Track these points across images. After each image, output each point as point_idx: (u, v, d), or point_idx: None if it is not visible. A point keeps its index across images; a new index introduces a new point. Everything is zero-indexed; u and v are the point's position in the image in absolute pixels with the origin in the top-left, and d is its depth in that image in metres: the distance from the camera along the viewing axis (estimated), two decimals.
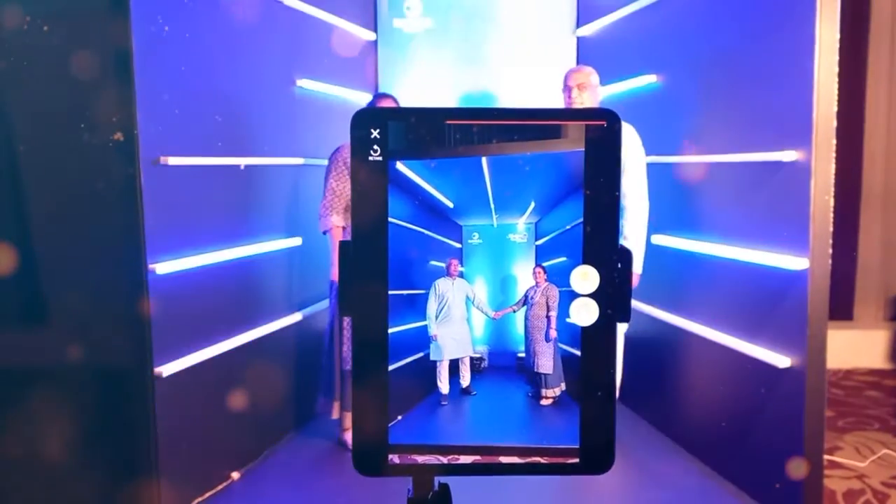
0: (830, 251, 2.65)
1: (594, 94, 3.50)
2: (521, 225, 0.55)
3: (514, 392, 0.63)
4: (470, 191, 0.59)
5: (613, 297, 0.57)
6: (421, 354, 0.63)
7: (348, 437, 3.55)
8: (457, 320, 0.63)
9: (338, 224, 3.42)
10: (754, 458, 3.01)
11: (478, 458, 0.63)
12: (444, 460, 0.62)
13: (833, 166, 2.62)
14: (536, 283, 0.62)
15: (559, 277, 0.61)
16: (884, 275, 5.30)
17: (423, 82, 4.79)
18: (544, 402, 0.62)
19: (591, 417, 0.59)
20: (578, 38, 4.72)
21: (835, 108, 2.61)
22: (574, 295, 0.58)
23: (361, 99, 4.59)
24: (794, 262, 2.71)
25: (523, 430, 0.62)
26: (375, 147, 0.55)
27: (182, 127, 2.90)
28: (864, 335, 5.26)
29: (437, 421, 0.64)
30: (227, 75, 3.21)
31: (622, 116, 2.62)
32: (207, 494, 3.08)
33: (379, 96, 3.62)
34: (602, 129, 0.53)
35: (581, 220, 0.58)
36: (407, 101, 4.56)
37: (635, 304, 3.70)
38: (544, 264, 0.62)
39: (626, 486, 3.26)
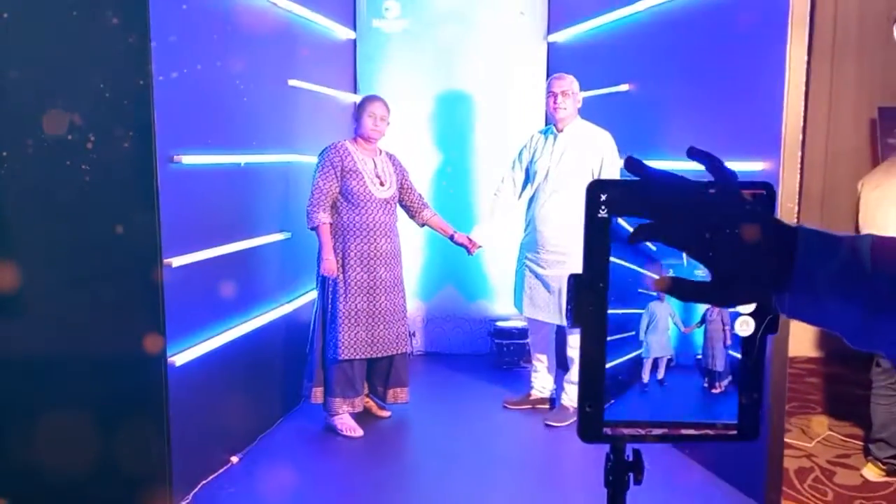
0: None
1: (575, 100, 3.75)
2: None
3: (694, 383, 0.85)
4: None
5: (765, 316, 0.79)
6: (634, 354, 0.84)
7: (336, 421, 3.72)
8: (661, 330, 0.84)
9: (325, 221, 3.58)
10: (724, 443, 3.30)
11: (665, 430, 0.84)
12: (643, 432, 0.83)
13: (798, 175, 2.92)
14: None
15: None
16: None
17: (400, 81, 4.95)
18: (715, 390, 0.83)
19: (746, 402, 0.81)
20: (549, 44, 4.95)
21: (801, 122, 2.90)
22: (738, 314, 0.80)
23: (346, 98, 4.74)
24: None
25: (699, 411, 0.84)
26: (603, 206, 0.75)
27: (190, 127, 3.01)
28: (803, 325, 5.65)
29: (639, 403, 0.85)
30: (227, 77, 3.32)
31: (597, 122, 2.91)
32: (211, 477, 3.21)
33: (369, 99, 3.78)
34: (763, 197, 0.75)
35: None
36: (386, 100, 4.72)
37: None
38: None
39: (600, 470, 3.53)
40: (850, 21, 5.47)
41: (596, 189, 0.73)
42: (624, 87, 4.03)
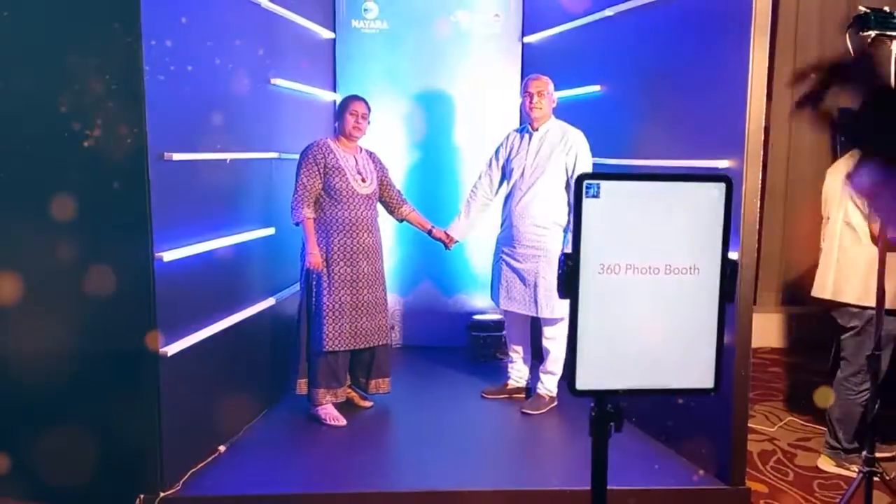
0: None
1: (550, 100, 3.90)
2: None
3: None
4: None
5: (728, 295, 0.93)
6: None
7: (320, 411, 3.83)
8: None
9: (309, 216, 3.69)
10: (690, 425, 3.47)
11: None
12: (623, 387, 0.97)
13: (761, 173, 3.09)
14: None
15: None
16: (782, 264, 5.95)
17: (379, 81, 5.06)
18: None
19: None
20: (524, 45, 5.10)
21: (763, 123, 3.07)
22: None
23: (326, 97, 4.83)
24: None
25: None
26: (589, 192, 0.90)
27: (179, 124, 3.10)
28: (766, 318, 5.89)
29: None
30: (214, 76, 3.41)
31: (570, 122, 3.06)
32: (200, 465, 3.30)
33: (351, 98, 3.89)
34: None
35: None
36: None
37: None
38: None
39: (576, 455, 3.68)
40: (812, 21, 5.67)
41: (582, 179, 0.86)
42: (595, 88, 4.19)
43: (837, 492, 3.36)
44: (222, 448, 3.49)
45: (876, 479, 2.91)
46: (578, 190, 0.86)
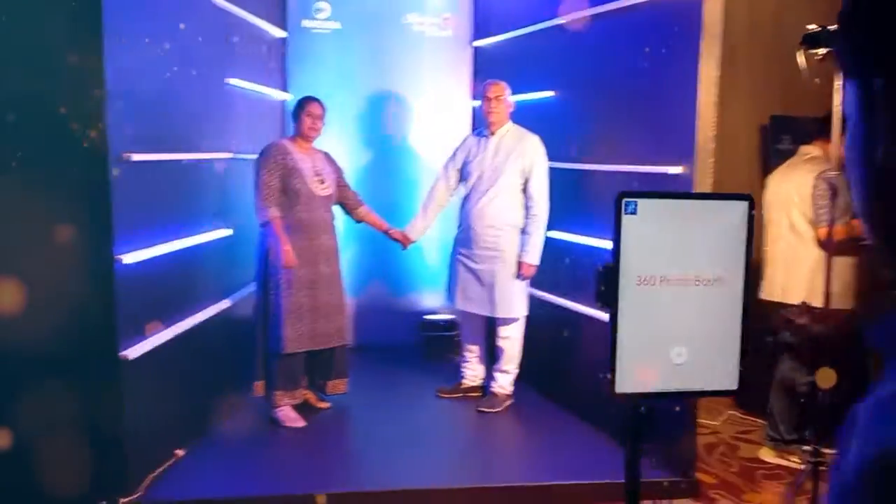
0: None
1: (507, 105, 3.99)
2: None
3: None
4: None
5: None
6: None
7: (278, 413, 3.82)
8: None
9: (277, 215, 3.67)
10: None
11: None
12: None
13: (711, 179, 3.24)
14: None
15: None
16: None
17: (330, 81, 5.06)
18: None
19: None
20: (475, 49, 5.18)
21: (713, 132, 3.22)
22: None
23: (277, 97, 4.80)
24: None
25: None
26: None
27: (138, 125, 3.06)
28: None
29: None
30: (172, 76, 3.37)
31: (523, 126, 3.16)
32: (159, 470, 3.26)
33: (307, 99, 3.89)
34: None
35: None
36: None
37: (535, 291, 4.22)
38: None
39: (532, 451, 3.78)
40: (741, 33, 5.89)
41: (623, 197, 0.93)
42: (549, 94, 4.29)
43: (780, 481, 3.54)
44: (180, 452, 3.45)
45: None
46: (618, 207, 0.92)
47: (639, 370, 0.99)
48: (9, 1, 2.71)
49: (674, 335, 1.01)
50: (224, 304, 3.91)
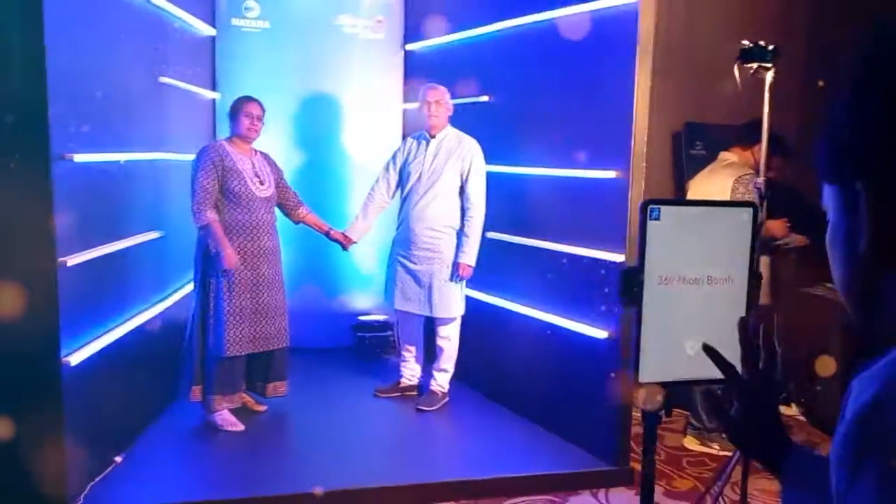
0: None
1: (447, 109, 4.07)
2: None
3: None
4: None
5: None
6: None
7: (216, 418, 3.77)
8: None
9: (214, 218, 3.62)
10: (579, 414, 3.76)
11: None
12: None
13: (643, 183, 3.42)
14: None
15: None
16: None
17: (260, 80, 5.00)
18: None
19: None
20: (407, 52, 5.23)
21: (645, 136, 3.40)
22: None
23: (207, 96, 4.72)
24: (614, 256, 3.48)
25: None
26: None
27: (77, 124, 2.97)
28: None
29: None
30: (108, 74, 3.29)
31: (460, 129, 3.28)
32: (98, 478, 3.17)
33: (245, 99, 3.85)
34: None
35: None
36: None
37: (472, 292, 4.33)
38: None
39: (473, 447, 3.88)
40: (700, 41, 6.13)
41: (646, 204, 1.02)
42: (484, 98, 4.40)
43: (704, 467, 3.77)
44: (119, 459, 3.37)
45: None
46: (644, 213, 1.01)
47: (661, 360, 1.09)
48: None
49: (688, 329, 1.12)
50: (159, 307, 3.83)
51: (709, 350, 1.00)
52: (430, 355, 4.38)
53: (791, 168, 4.16)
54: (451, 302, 4.08)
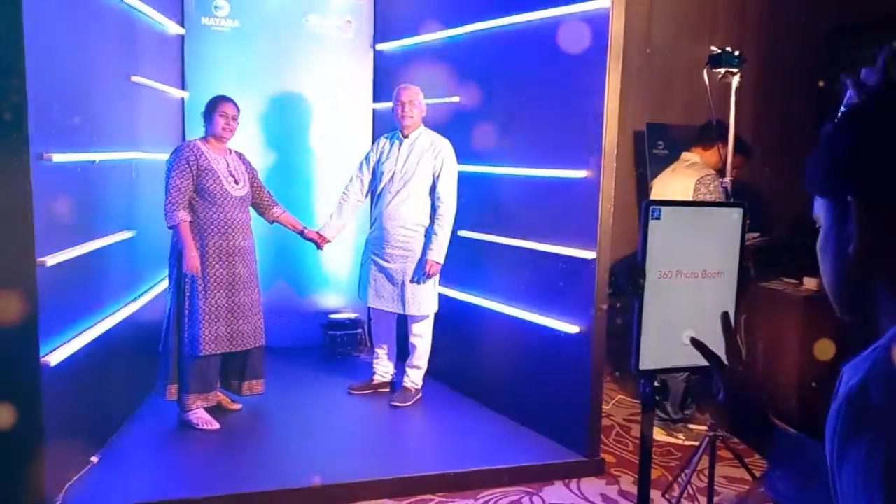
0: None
1: (420, 109, 4.13)
2: None
3: None
4: None
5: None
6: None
7: (192, 416, 3.78)
8: None
9: (185, 219, 3.64)
10: (551, 408, 3.86)
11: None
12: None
13: (613, 182, 3.52)
14: None
15: None
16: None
17: (230, 80, 5.00)
18: None
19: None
20: (377, 52, 5.28)
21: (616, 137, 3.50)
22: None
23: (176, 95, 4.71)
24: (584, 253, 3.58)
25: None
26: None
27: (55, 124, 2.97)
28: None
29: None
30: (82, 74, 3.28)
31: (437, 130, 3.36)
32: (75, 479, 3.17)
33: (219, 99, 3.86)
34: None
35: None
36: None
37: (446, 290, 4.40)
38: None
39: (447, 441, 3.95)
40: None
41: (650, 205, 1.11)
42: (455, 99, 4.47)
43: (671, 457, 3.90)
44: (95, 459, 3.36)
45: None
46: (646, 213, 1.09)
47: (658, 349, 1.18)
48: None
49: (684, 320, 1.20)
50: (133, 306, 3.82)
51: (696, 343, 1.09)
52: (402, 352, 4.44)
53: (748, 167, 4.33)
54: (424, 300, 4.15)
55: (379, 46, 5.24)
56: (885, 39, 0.83)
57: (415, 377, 4.29)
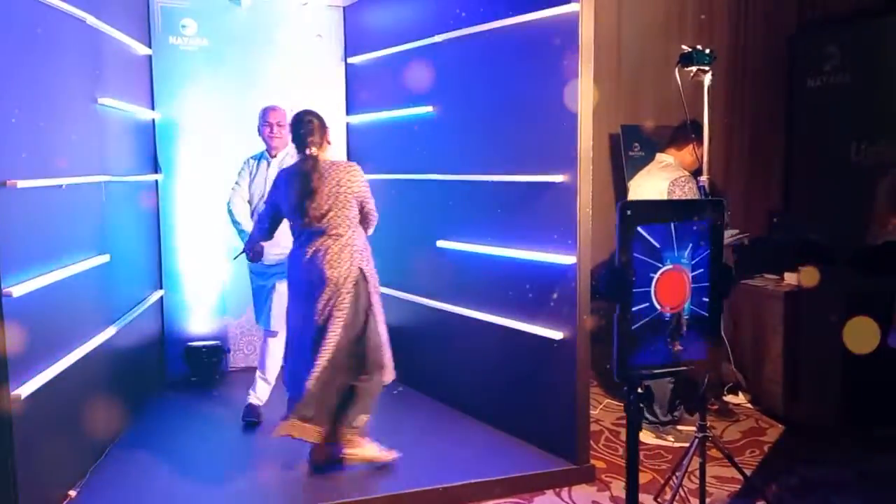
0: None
1: (287, 130, 3.91)
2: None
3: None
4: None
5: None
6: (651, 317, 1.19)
7: None
8: None
9: None
10: (537, 415, 3.81)
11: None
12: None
13: (591, 186, 3.50)
14: None
15: None
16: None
17: (200, 99, 4.95)
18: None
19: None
20: (348, 65, 5.24)
21: (591, 143, 3.48)
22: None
23: (145, 116, 4.65)
24: (564, 258, 3.55)
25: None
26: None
27: (18, 149, 2.89)
28: None
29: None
30: (46, 95, 3.21)
31: (398, 142, 3.34)
32: None
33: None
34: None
35: None
36: (185, 118, 4.72)
37: (424, 299, 4.35)
38: None
39: (434, 455, 3.89)
40: (633, 47, 6.26)
41: (625, 207, 1.07)
42: (427, 109, 4.43)
43: (662, 460, 3.87)
44: (73, 493, 3.27)
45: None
46: (621, 214, 1.06)
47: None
48: None
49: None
50: (111, 330, 3.75)
51: None
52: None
53: (700, 150, 4.31)
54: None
55: (350, 59, 5.21)
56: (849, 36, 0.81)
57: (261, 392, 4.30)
